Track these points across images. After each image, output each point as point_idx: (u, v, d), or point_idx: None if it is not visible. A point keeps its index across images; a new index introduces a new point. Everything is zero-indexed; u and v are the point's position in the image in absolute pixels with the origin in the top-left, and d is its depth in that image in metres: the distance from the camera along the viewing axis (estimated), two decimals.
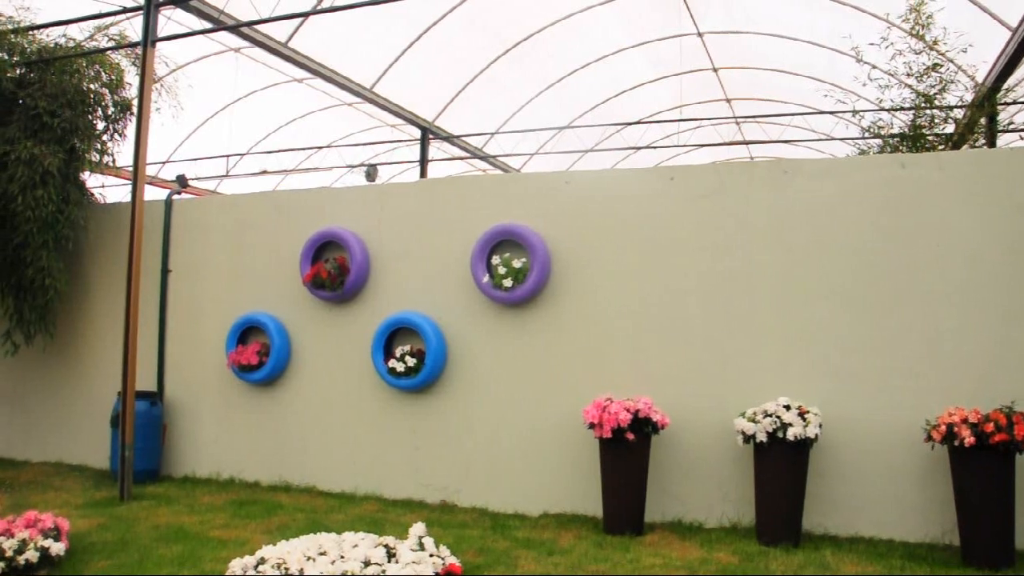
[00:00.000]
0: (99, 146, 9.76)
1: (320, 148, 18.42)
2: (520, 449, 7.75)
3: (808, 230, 7.07)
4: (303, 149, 18.31)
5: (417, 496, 8.10)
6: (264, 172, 17.82)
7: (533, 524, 7.26)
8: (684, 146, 16.66)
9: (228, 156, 18.20)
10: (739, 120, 17.75)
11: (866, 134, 12.36)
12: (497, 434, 7.83)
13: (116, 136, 9.99)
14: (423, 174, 14.30)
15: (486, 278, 7.67)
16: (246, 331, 8.85)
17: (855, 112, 12.27)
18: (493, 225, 7.76)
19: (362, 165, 17.37)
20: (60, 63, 9.19)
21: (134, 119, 9.93)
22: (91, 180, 10.30)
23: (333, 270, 8.23)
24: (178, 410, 9.35)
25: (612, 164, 18.91)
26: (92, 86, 9.60)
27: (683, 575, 5.77)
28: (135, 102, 10.00)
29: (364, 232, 8.41)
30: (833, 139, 14.86)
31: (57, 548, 5.83)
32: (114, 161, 10.14)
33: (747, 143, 17.70)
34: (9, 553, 5.59)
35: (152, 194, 9.72)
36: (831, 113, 13.46)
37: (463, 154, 16.55)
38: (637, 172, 7.70)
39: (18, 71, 9.26)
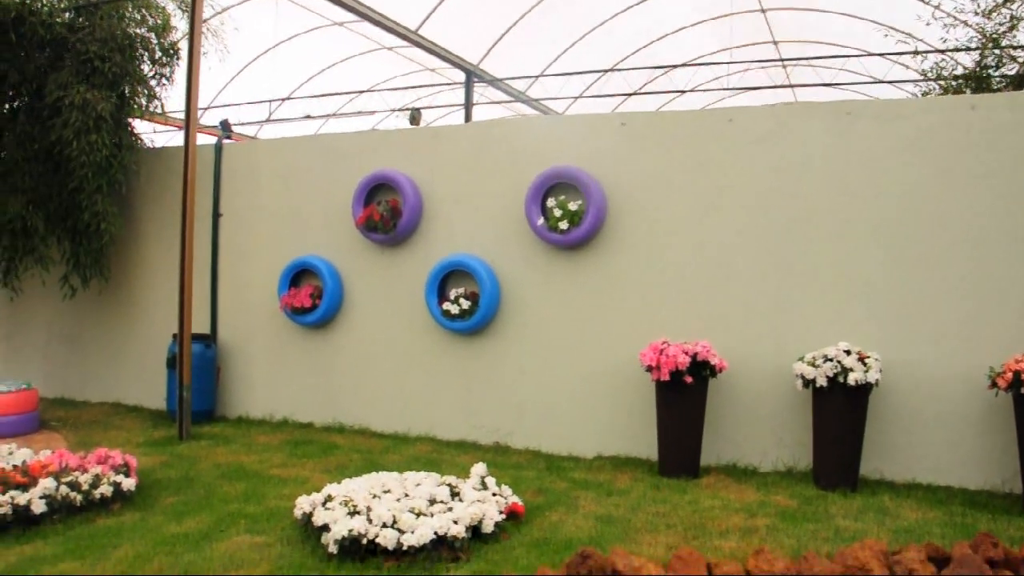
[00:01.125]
0: (146, 91, 9.77)
1: (361, 92, 18.33)
2: (574, 392, 7.77)
3: (870, 174, 6.93)
4: (344, 93, 18.23)
5: (470, 438, 8.17)
6: (308, 117, 17.79)
7: (588, 466, 7.31)
8: (730, 89, 16.36)
9: (270, 101, 18.17)
10: (786, 63, 17.37)
11: (927, 76, 12.00)
12: (550, 377, 7.85)
13: (164, 81, 10.00)
14: (467, 118, 14.18)
15: (541, 220, 7.63)
16: (298, 274, 8.90)
17: (916, 53, 11.87)
18: (548, 167, 7.69)
19: (405, 109, 17.28)
20: (108, 7, 9.17)
21: (181, 63, 10.01)
22: (138, 127, 10.35)
23: (386, 212, 8.22)
24: (231, 352, 9.47)
25: (656, 109, 18.65)
26: (139, 31, 9.58)
27: (743, 518, 5.78)
28: (181, 46, 10.02)
29: (416, 174, 8.38)
30: (884, 82, 14.48)
31: (128, 483, 5.97)
32: (162, 106, 10.15)
33: (794, 87, 17.33)
34: (85, 487, 5.74)
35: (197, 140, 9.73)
36: (891, 55, 13.08)
37: (506, 98, 16.38)
38: (695, 114, 7.57)
39: (67, 16, 9.25)
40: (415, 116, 10.85)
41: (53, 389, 10.54)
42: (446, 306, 7.94)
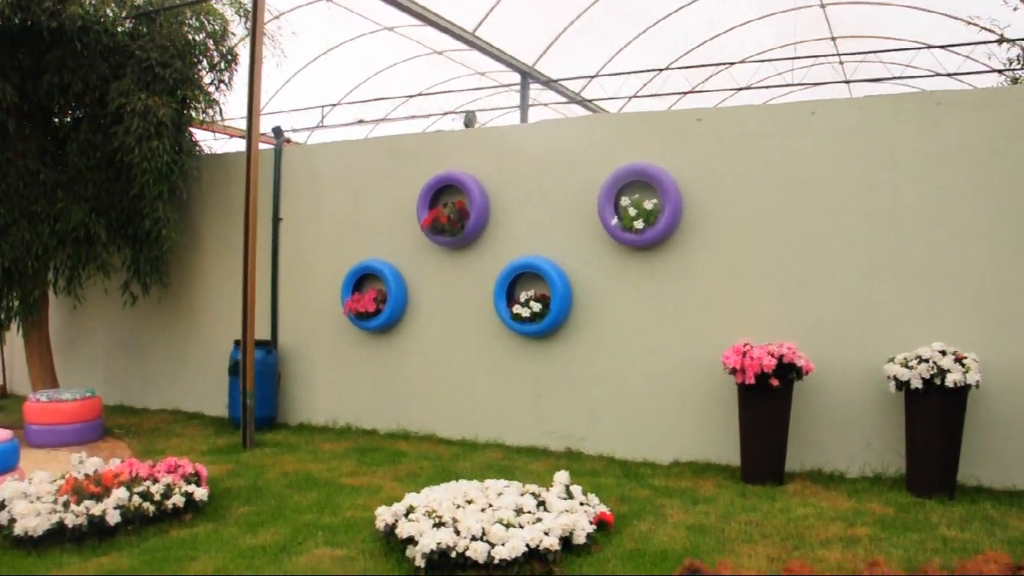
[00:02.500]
0: (205, 97, 9.69)
1: (411, 96, 18.20)
2: (649, 396, 7.51)
3: (961, 165, 6.60)
4: (395, 98, 18.10)
5: (540, 444, 7.95)
6: (360, 121, 17.70)
7: (666, 473, 7.04)
8: (790, 86, 15.96)
9: (321, 107, 18.11)
10: (845, 58, 16.94)
11: (1012, 67, 11.51)
12: (625, 380, 7.60)
13: (222, 86, 9.92)
14: (523, 119, 13.98)
15: (615, 220, 7.38)
16: (361, 278, 8.74)
17: (1003, 40, 11.36)
18: (621, 165, 7.45)
19: (458, 112, 17.11)
20: (167, 14, 9.12)
21: (239, 69, 9.93)
22: (195, 134, 10.28)
23: (452, 214, 8.03)
24: (292, 358, 9.35)
25: (713, 106, 18.30)
26: (197, 37, 9.52)
27: (841, 527, 5.48)
28: (239, 51, 9.95)
29: (483, 175, 8.18)
30: (960, 74, 13.94)
31: (200, 493, 5.83)
32: (221, 112, 10.07)
33: (853, 82, 16.91)
34: (157, 497, 5.60)
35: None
36: (962, 45, 12.60)
37: (559, 99, 16.16)
38: (773, 108, 7.30)
39: (128, 24, 9.20)
40: (470, 119, 10.65)
41: (113, 396, 10.51)
42: (516, 309, 7.72)
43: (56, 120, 9.51)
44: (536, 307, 7.64)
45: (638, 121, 7.65)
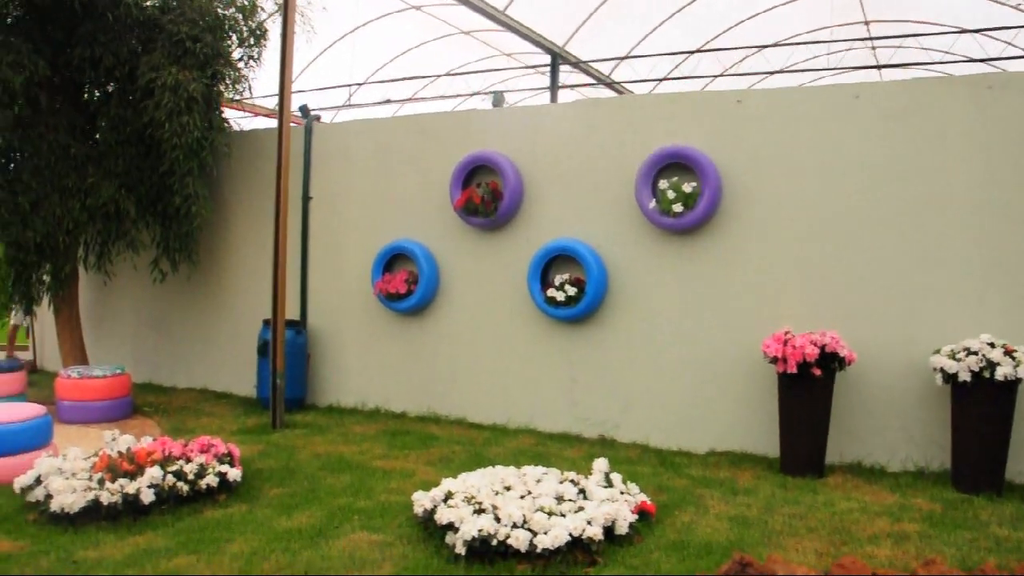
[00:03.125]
0: (234, 73, 9.58)
1: (439, 76, 18.04)
2: (685, 383, 7.38)
3: (1013, 151, 6.40)
4: (422, 77, 17.94)
5: (573, 430, 7.84)
6: (388, 101, 17.56)
7: (702, 462, 6.92)
8: (822, 70, 15.71)
9: (348, 86, 17.98)
10: (876, 43, 16.64)
11: None
12: (660, 367, 7.47)
13: (251, 62, 9.81)
14: (553, 100, 13.80)
15: (652, 203, 7.23)
16: (392, 259, 8.63)
17: None
18: (659, 147, 7.29)
19: (486, 92, 16.96)
20: None
21: (268, 44, 9.81)
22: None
23: (486, 195, 7.90)
24: (321, 339, 9.27)
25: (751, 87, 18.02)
26: (227, 11, 9.40)
27: (888, 522, 5.35)
28: (268, 27, 9.83)
29: (517, 156, 8.04)
30: (1004, 59, 13.63)
31: (234, 474, 5.77)
32: (250, 88, 9.95)
33: (886, 67, 16.61)
34: (190, 476, 5.54)
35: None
36: (1011, 29, 12.29)
37: (588, 81, 15.95)
38: (817, 91, 7.10)
39: None
40: (498, 99, 10.48)
41: (142, 374, 10.48)
42: (551, 293, 7.59)
43: (86, 94, 9.44)
44: (571, 291, 7.51)
45: (677, 102, 7.48)
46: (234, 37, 9.53)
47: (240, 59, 9.66)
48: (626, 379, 7.60)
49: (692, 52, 15.20)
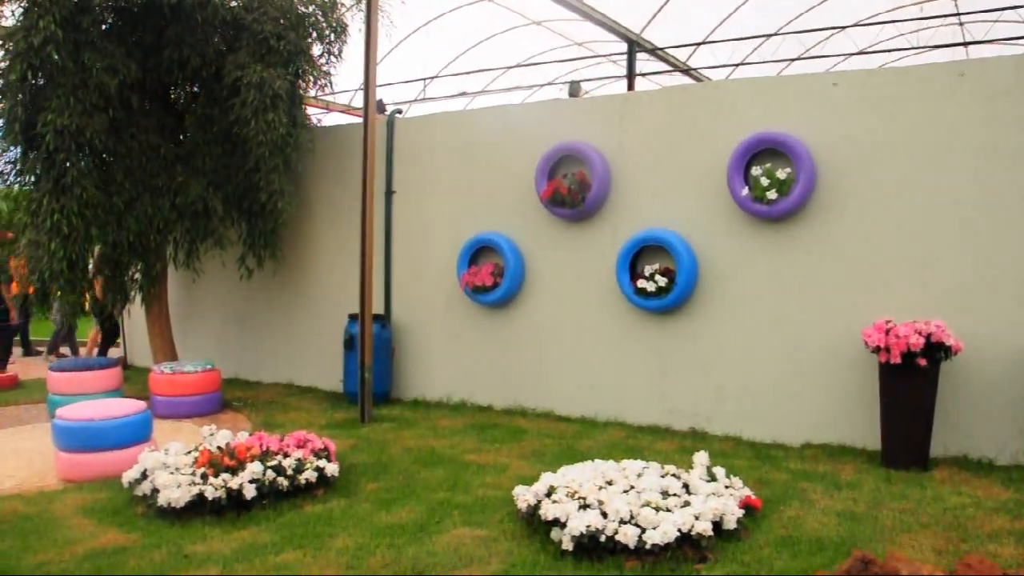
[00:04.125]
0: (315, 70, 9.64)
1: (509, 68, 17.96)
2: (779, 375, 7.20)
3: None
4: (493, 69, 17.88)
5: (663, 423, 7.72)
6: (463, 93, 17.56)
7: (799, 455, 6.74)
8: (904, 50, 15.19)
9: (422, 79, 18.02)
10: (963, 18, 16.02)
11: None
12: (753, 358, 7.30)
13: (332, 58, 9.86)
14: (630, 89, 13.62)
15: (745, 191, 7.06)
16: (477, 252, 8.60)
17: None
18: (751, 133, 7.11)
19: (556, 83, 16.84)
20: None
21: (349, 40, 9.84)
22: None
23: (573, 186, 7.81)
24: (405, 333, 9.29)
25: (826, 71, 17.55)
26: (307, 8, 9.46)
27: (1007, 519, 5.13)
28: (348, 22, 9.85)
29: (603, 145, 7.92)
30: None
31: (332, 469, 5.79)
32: (331, 84, 10.00)
33: (971, 44, 16.00)
34: (290, 472, 5.57)
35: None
36: None
37: (661, 69, 15.71)
38: (917, 70, 6.82)
39: None
40: (575, 89, 10.36)
41: (227, 369, 10.64)
42: (640, 283, 7.48)
43: (173, 95, 9.61)
44: (662, 281, 7.38)
45: (770, 86, 7.28)
46: (314, 34, 9.59)
47: (320, 55, 9.73)
48: (718, 370, 7.44)
49: (771, 35, 14.82)
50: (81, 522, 5.29)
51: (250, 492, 5.32)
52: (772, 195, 6.90)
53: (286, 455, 5.82)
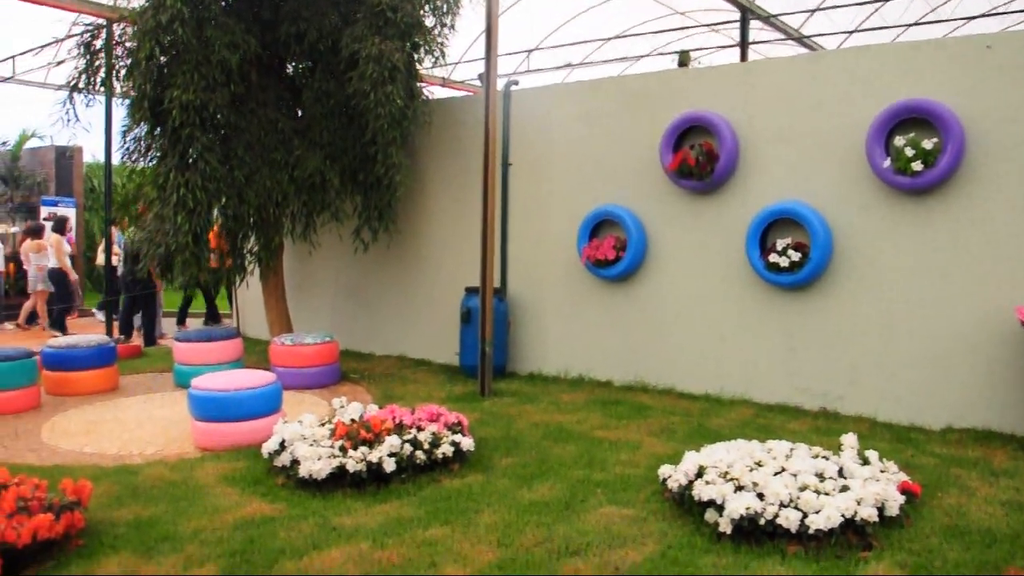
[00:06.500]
0: (431, 42, 9.56)
1: (608, 39, 17.68)
2: (919, 354, 6.89)
3: None
4: (594, 40, 17.64)
5: (792, 401, 7.48)
6: (568, 65, 17.38)
7: (941, 439, 6.45)
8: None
9: (525, 51, 17.89)
10: None
11: None
12: (891, 337, 7.00)
13: (445, 30, 9.77)
14: (743, 58, 13.24)
15: (887, 162, 6.74)
16: (598, 225, 8.45)
17: None
18: (894, 101, 6.76)
19: (659, 53, 16.52)
20: None
21: (462, 12, 9.73)
22: None
23: (700, 157, 7.59)
24: (521, 306, 9.22)
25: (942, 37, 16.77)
26: None
27: None
28: None
29: (731, 114, 7.67)
30: None
31: (467, 443, 5.76)
32: (444, 56, 9.92)
33: None
34: (426, 446, 5.56)
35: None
36: None
37: (773, 37, 15.24)
38: None
39: None
40: (684, 59, 10.09)
41: (340, 341, 10.69)
42: (772, 258, 7.24)
43: (291, 69, 9.67)
44: (795, 256, 7.13)
45: (913, 51, 6.92)
46: (427, 6, 9.52)
47: (433, 27, 9.65)
48: (852, 349, 7.17)
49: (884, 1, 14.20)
50: (225, 491, 5.37)
51: (390, 465, 5.32)
52: (917, 166, 6.56)
53: (420, 429, 5.81)
